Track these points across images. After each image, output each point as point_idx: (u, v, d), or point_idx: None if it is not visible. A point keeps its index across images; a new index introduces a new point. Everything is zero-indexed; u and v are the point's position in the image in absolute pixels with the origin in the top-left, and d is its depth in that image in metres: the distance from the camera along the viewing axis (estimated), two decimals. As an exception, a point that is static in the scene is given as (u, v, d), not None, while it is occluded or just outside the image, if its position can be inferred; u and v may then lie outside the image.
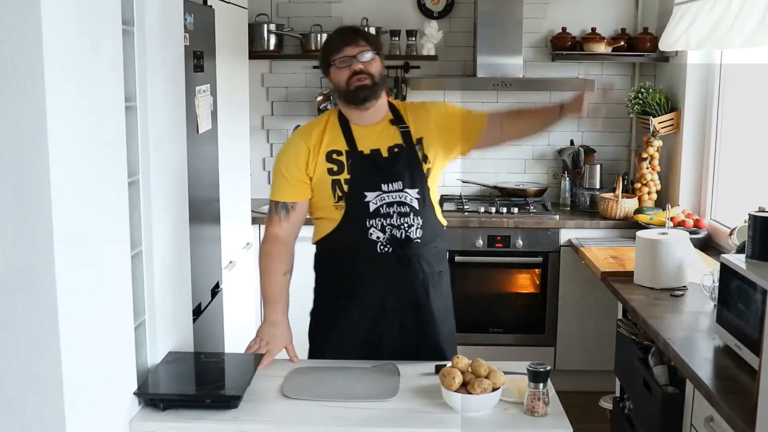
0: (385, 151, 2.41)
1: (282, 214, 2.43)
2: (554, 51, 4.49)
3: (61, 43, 1.56)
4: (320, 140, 2.41)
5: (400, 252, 2.38)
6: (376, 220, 2.37)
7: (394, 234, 2.38)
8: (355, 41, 2.37)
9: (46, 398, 1.60)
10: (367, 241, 2.37)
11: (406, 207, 2.39)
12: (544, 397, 1.93)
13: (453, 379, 1.96)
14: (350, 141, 2.41)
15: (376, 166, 2.39)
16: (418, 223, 2.40)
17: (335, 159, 2.39)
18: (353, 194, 2.37)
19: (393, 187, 2.38)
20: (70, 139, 1.61)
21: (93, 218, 1.73)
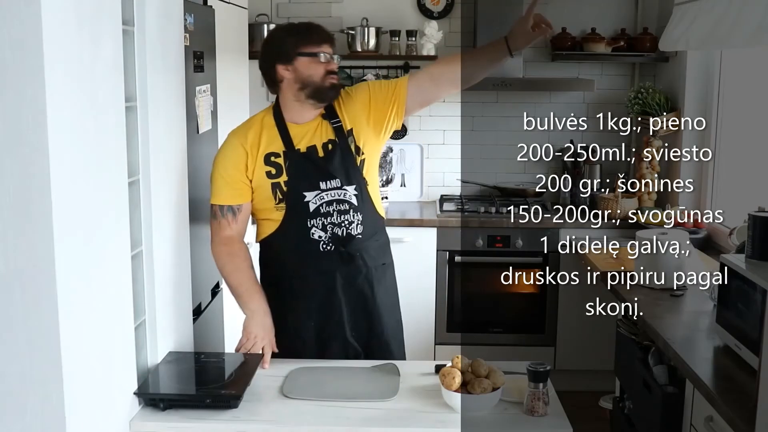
0: (321, 149, 2.41)
1: (229, 216, 2.44)
2: (554, 51, 4.49)
3: (61, 43, 1.56)
4: (257, 142, 2.41)
5: (343, 249, 2.40)
6: (317, 219, 2.39)
7: (335, 232, 2.40)
8: (331, 41, 2.41)
9: (46, 398, 1.60)
10: (310, 240, 2.39)
11: (346, 204, 2.41)
12: (544, 397, 1.93)
13: (453, 378, 1.96)
14: (287, 141, 2.41)
15: (313, 165, 2.39)
16: (358, 219, 2.42)
17: (273, 162, 2.40)
18: (292, 195, 2.38)
19: (331, 185, 2.40)
20: (71, 139, 1.61)
21: (93, 218, 1.73)
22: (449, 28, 4.59)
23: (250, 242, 2.63)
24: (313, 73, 2.37)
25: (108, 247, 1.83)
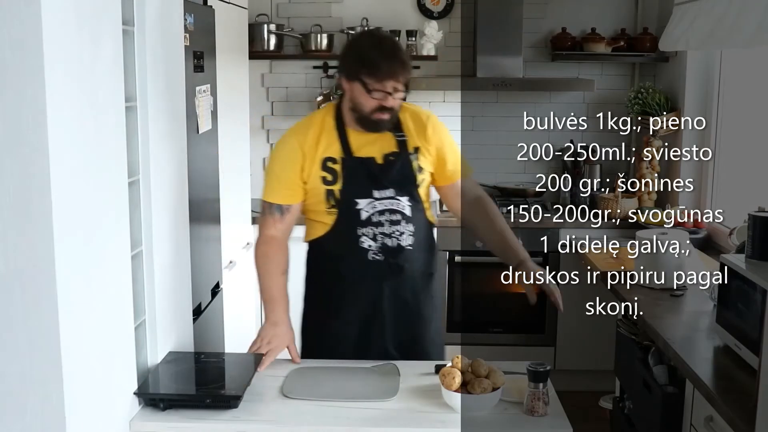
0: (380, 158, 2.38)
1: (276, 215, 2.40)
2: (554, 51, 4.49)
3: (61, 43, 1.56)
4: (316, 144, 2.37)
5: (392, 260, 2.38)
6: (368, 228, 2.36)
7: (385, 243, 2.37)
8: (397, 76, 2.28)
9: (46, 398, 1.60)
10: (358, 248, 2.36)
11: (398, 214, 2.38)
12: (544, 397, 1.93)
13: (453, 379, 1.96)
14: (346, 147, 2.37)
15: (369, 173, 2.36)
16: (409, 231, 2.40)
17: (330, 168, 2.36)
18: (345, 202, 2.35)
19: (385, 194, 2.37)
20: (71, 139, 1.61)
21: (93, 218, 1.73)
22: (449, 28, 4.59)
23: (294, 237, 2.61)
24: (365, 104, 2.31)
25: (108, 247, 1.83)
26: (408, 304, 2.43)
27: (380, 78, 2.27)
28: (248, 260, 4.03)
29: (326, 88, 4.61)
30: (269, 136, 4.74)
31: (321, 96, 4.51)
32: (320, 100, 4.50)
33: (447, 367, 2.01)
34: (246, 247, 3.99)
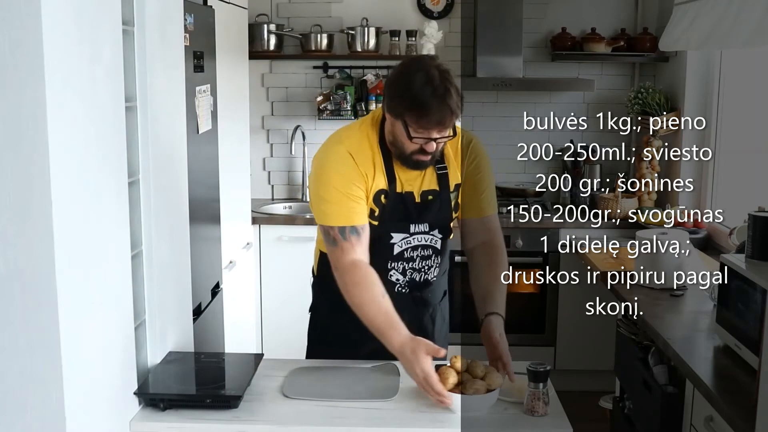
0: (418, 196, 2.22)
1: (353, 238, 2.13)
2: (554, 51, 4.49)
3: (61, 43, 1.56)
4: (373, 170, 2.16)
5: (417, 293, 2.32)
6: (399, 263, 2.27)
7: (413, 278, 2.30)
8: (445, 124, 2.05)
9: (46, 398, 1.60)
10: (386, 281, 2.21)
11: (430, 249, 2.29)
12: (544, 397, 1.93)
13: (447, 378, 1.96)
14: (392, 179, 2.19)
15: (407, 210, 2.22)
16: (437, 263, 2.32)
17: (381, 201, 2.19)
18: (380, 234, 2.22)
19: (420, 229, 2.25)
20: (71, 139, 1.61)
21: (93, 218, 1.73)
22: (449, 28, 4.59)
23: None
24: (404, 144, 2.10)
25: (108, 247, 1.83)
26: (426, 330, 2.36)
27: (425, 126, 2.04)
28: (248, 260, 4.05)
29: (326, 88, 4.61)
30: (269, 136, 4.74)
31: (321, 96, 4.51)
32: (320, 100, 4.51)
33: (444, 366, 2.01)
34: (246, 248, 4.00)
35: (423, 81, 2.02)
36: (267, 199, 4.76)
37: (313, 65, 4.63)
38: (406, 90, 2.03)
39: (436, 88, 2.01)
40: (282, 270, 4.25)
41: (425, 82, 2.01)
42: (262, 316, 4.30)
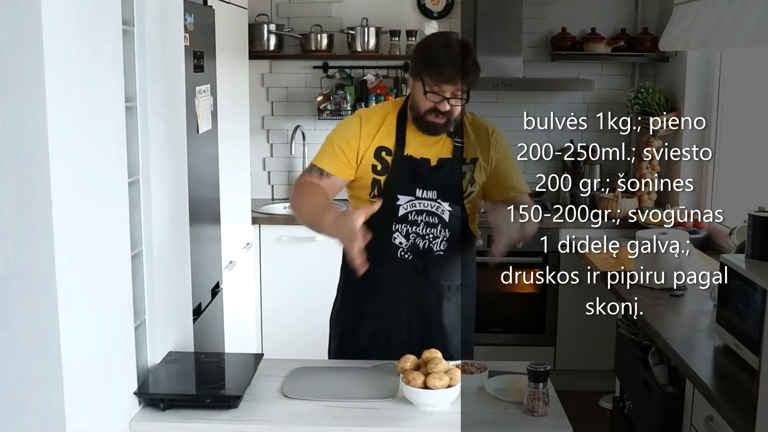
0: (434, 161, 2.36)
1: (315, 174, 2.36)
2: (554, 51, 4.49)
3: (61, 43, 1.56)
4: (376, 131, 2.36)
5: (420, 262, 2.36)
6: (402, 225, 2.35)
7: (416, 243, 2.36)
8: (457, 82, 2.25)
9: (46, 398, 1.60)
10: (390, 243, 2.35)
11: (436, 218, 2.36)
12: (544, 397, 1.93)
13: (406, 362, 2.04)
14: (400, 142, 2.36)
15: (416, 172, 2.35)
16: (444, 236, 2.37)
17: (382, 158, 2.35)
18: (387, 194, 2.34)
19: (428, 195, 2.35)
20: (71, 139, 1.61)
21: (93, 218, 1.73)
22: (449, 28, 4.58)
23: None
24: (420, 103, 2.29)
25: (108, 247, 1.83)
26: (431, 309, 2.40)
27: (439, 81, 2.24)
28: (248, 260, 4.05)
29: (326, 88, 4.61)
30: (269, 136, 4.74)
31: (321, 96, 4.51)
32: (320, 100, 4.50)
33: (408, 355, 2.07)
34: (246, 248, 4.00)
35: (441, 44, 2.29)
36: (267, 199, 4.76)
37: (313, 65, 4.63)
38: (426, 51, 2.29)
39: (452, 50, 2.26)
40: (282, 270, 4.25)
41: (443, 45, 2.28)
42: (262, 316, 4.30)
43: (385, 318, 2.40)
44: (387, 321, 2.40)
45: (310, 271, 4.11)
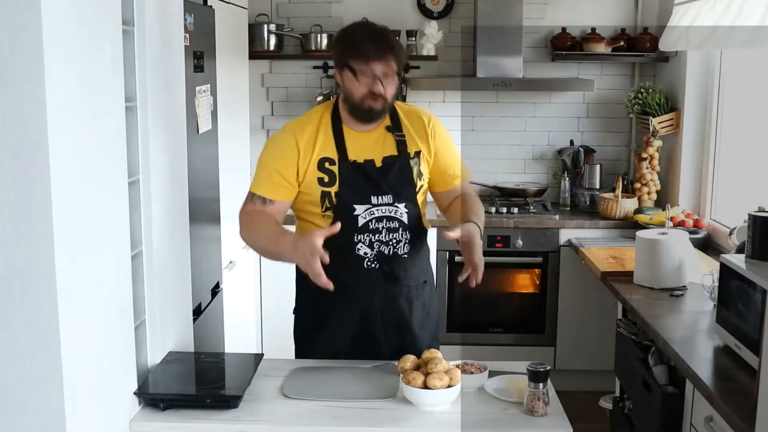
0: (379, 161, 2.31)
1: (257, 203, 2.31)
2: (554, 51, 4.49)
3: (61, 43, 1.56)
4: (313, 143, 2.28)
5: (387, 269, 2.33)
6: (365, 235, 2.30)
7: (381, 250, 2.32)
8: (385, 59, 2.20)
9: (46, 398, 1.60)
10: (354, 255, 2.30)
11: (395, 222, 2.32)
12: (544, 397, 1.93)
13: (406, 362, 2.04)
14: (341, 149, 2.29)
15: (367, 178, 2.29)
16: (406, 238, 2.34)
17: (327, 168, 2.28)
18: (342, 207, 2.28)
19: (383, 200, 2.30)
20: (71, 139, 1.61)
21: (93, 218, 1.73)
22: (449, 28, 4.59)
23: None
24: (354, 91, 2.23)
25: (108, 247, 1.83)
26: (402, 312, 2.39)
27: (367, 60, 2.19)
28: (248, 260, 4.05)
29: (326, 88, 4.61)
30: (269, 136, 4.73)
31: (321, 96, 4.51)
32: (320, 100, 4.50)
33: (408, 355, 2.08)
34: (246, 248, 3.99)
35: (359, 29, 2.31)
36: (267, 199, 4.75)
37: (313, 65, 4.63)
38: (347, 40, 2.27)
39: (372, 32, 2.27)
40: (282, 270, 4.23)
41: (361, 29, 2.30)
42: (262, 316, 4.30)
43: (359, 330, 2.38)
44: (361, 333, 2.38)
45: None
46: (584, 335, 4.22)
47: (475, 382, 2.07)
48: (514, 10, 4.36)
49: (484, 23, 4.37)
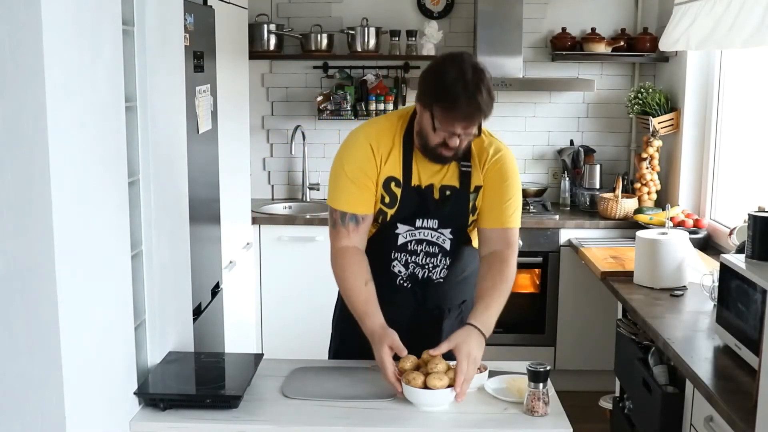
0: (437, 192, 2.21)
1: (351, 225, 2.18)
2: (554, 51, 4.49)
3: (61, 43, 1.56)
4: (386, 159, 2.18)
5: (418, 290, 2.30)
6: (402, 254, 2.26)
7: (415, 272, 2.28)
8: (472, 120, 2.06)
9: (46, 398, 1.60)
10: (389, 271, 2.26)
11: (436, 247, 2.25)
12: (544, 397, 1.93)
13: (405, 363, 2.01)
14: (407, 171, 2.19)
15: (421, 201, 2.21)
16: (444, 264, 2.27)
17: (391, 189, 2.20)
18: (388, 223, 2.24)
19: (428, 224, 2.23)
20: (71, 139, 1.61)
21: (93, 218, 1.73)
22: (449, 28, 4.59)
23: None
24: (429, 135, 2.10)
25: (108, 247, 1.83)
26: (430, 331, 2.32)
27: (452, 120, 2.04)
28: (248, 260, 4.05)
29: (326, 88, 4.62)
30: (269, 136, 4.74)
31: (321, 96, 4.51)
32: (320, 100, 4.51)
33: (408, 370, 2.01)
34: (246, 248, 4.00)
35: (455, 75, 2.03)
36: (267, 199, 4.76)
37: (313, 65, 4.63)
38: (438, 82, 2.04)
39: (467, 84, 2.02)
40: (282, 270, 4.25)
41: (457, 77, 2.02)
42: (262, 316, 4.30)
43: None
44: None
45: (310, 271, 4.11)
46: (584, 335, 4.22)
47: (475, 382, 2.07)
48: (514, 10, 4.36)
49: (484, 23, 4.38)
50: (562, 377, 3.19)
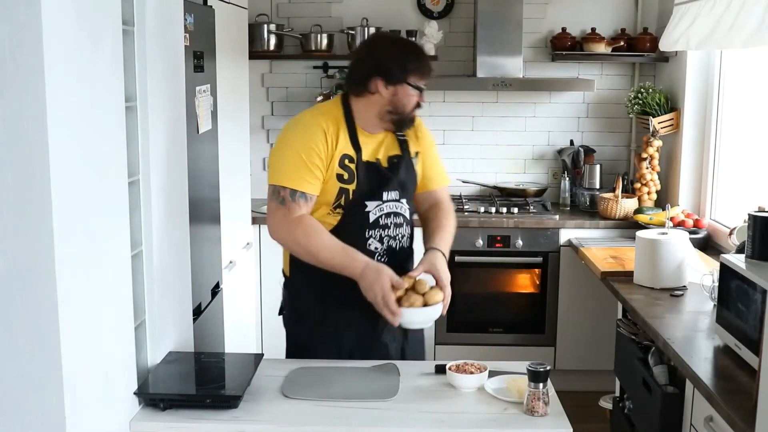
0: (385, 161, 2.38)
1: (301, 202, 2.25)
2: (554, 51, 4.49)
3: (61, 43, 1.56)
4: (336, 139, 2.29)
5: (395, 262, 2.35)
6: (375, 230, 2.36)
7: (390, 245, 2.39)
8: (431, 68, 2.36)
9: (46, 398, 1.60)
10: (365, 250, 2.30)
11: (401, 217, 2.40)
12: (544, 397, 1.93)
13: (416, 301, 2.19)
14: (356, 147, 2.32)
15: (379, 175, 2.35)
16: (408, 232, 2.45)
17: (347, 166, 2.30)
18: (355, 204, 2.32)
19: (391, 197, 2.37)
20: (71, 139, 1.61)
21: (93, 218, 1.73)
22: (449, 28, 4.59)
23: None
24: (408, 105, 2.32)
25: (108, 247, 1.83)
26: None
27: (425, 74, 2.32)
28: (248, 260, 4.05)
29: (326, 88, 4.62)
30: (269, 136, 4.74)
31: (321, 96, 4.51)
32: (320, 100, 4.50)
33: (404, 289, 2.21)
34: (246, 247, 4.00)
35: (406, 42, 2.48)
36: (267, 199, 4.75)
37: (313, 65, 4.63)
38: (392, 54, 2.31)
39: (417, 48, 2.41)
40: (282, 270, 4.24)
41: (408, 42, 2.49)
42: (262, 316, 4.30)
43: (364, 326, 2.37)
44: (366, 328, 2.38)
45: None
46: (584, 335, 4.22)
47: (475, 382, 2.07)
48: (514, 10, 4.36)
49: (484, 23, 4.38)
50: (562, 377, 3.19)
